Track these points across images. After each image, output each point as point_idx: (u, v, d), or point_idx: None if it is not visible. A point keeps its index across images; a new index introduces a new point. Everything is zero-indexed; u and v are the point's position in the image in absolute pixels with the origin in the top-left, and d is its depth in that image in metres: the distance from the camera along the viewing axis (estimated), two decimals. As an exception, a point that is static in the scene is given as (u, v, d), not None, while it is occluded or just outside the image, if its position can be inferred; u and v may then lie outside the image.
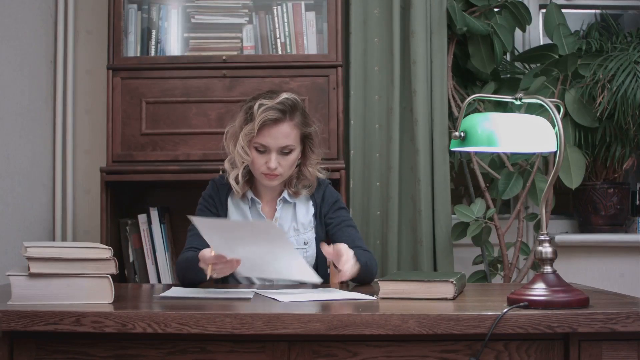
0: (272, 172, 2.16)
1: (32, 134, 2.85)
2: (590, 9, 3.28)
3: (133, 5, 2.82)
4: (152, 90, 2.75)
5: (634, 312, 1.56)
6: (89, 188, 3.06)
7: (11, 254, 2.61)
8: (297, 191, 2.26)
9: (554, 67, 2.85)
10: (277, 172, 2.17)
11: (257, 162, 2.17)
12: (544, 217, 1.74)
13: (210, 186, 2.31)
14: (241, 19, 2.83)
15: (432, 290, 1.80)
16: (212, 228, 1.90)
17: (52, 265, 1.70)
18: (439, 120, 2.86)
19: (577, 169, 2.79)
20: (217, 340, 1.62)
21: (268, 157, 2.16)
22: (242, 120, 2.19)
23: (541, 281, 1.66)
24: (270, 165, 2.15)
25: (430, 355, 1.62)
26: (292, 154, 2.19)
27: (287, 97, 2.17)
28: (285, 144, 2.16)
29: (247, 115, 2.18)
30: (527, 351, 1.62)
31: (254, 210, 2.26)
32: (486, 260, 2.84)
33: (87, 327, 1.58)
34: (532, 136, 1.71)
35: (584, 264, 3.06)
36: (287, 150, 2.17)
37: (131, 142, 2.74)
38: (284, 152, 2.17)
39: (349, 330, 1.56)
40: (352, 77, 2.90)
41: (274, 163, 2.15)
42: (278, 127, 2.15)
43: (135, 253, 2.80)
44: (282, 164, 2.17)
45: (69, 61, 3.06)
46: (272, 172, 2.17)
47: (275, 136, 2.15)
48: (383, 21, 2.91)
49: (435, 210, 2.85)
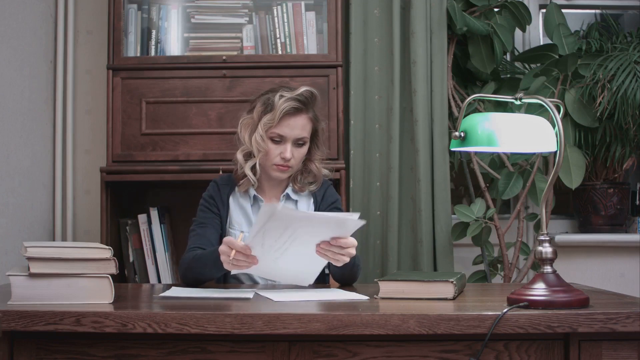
0: (286, 163, 2.21)
1: (32, 134, 2.85)
2: (590, 9, 3.28)
3: (133, 5, 2.82)
4: (152, 90, 2.75)
5: (634, 312, 1.56)
6: (89, 188, 3.06)
7: (11, 254, 2.61)
8: (302, 187, 2.29)
9: (554, 67, 2.85)
10: (290, 163, 2.22)
11: (272, 153, 2.21)
12: (544, 217, 1.74)
13: (211, 186, 2.31)
14: (241, 19, 2.83)
15: (432, 290, 1.80)
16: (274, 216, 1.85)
17: (52, 265, 1.70)
18: (439, 120, 2.86)
19: (577, 169, 2.79)
20: (217, 340, 1.62)
21: (284, 148, 2.21)
22: (261, 111, 2.23)
23: (541, 281, 1.66)
24: (286, 155, 2.20)
25: (430, 355, 1.62)
26: (304, 146, 2.25)
27: (307, 89, 2.23)
28: (301, 136, 2.22)
29: (266, 105, 2.23)
30: (527, 351, 1.62)
31: (256, 207, 2.27)
32: (486, 260, 2.84)
33: (87, 327, 1.58)
34: (532, 136, 1.71)
35: (584, 264, 3.06)
36: (301, 142, 2.23)
37: (131, 142, 2.74)
38: (298, 143, 2.23)
39: (349, 330, 1.56)
40: (352, 77, 2.90)
41: (289, 153, 2.20)
42: (296, 118, 2.21)
43: (135, 253, 2.80)
44: (295, 156, 2.23)
45: (69, 61, 3.06)
46: (285, 163, 2.21)
47: (293, 126, 2.21)
48: (383, 21, 2.91)
49: (435, 210, 2.85)
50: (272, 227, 1.84)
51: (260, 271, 2.07)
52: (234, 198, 2.29)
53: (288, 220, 1.84)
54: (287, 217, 1.84)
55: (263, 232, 1.85)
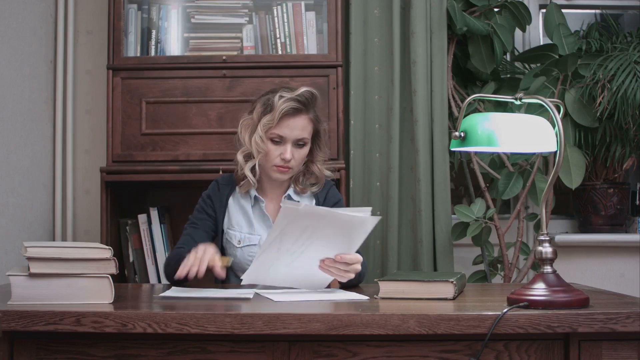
0: (286, 164, 2.20)
1: (32, 134, 2.85)
2: (590, 9, 3.28)
3: (133, 5, 2.82)
4: (152, 90, 2.75)
5: (634, 312, 1.56)
6: (89, 188, 3.06)
7: (11, 254, 2.61)
8: (304, 188, 2.28)
9: (554, 67, 2.85)
10: (290, 164, 2.20)
11: (272, 154, 2.20)
12: (544, 217, 1.74)
13: (211, 186, 2.31)
14: (241, 19, 2.83)
15: (432, 290, 1.80)
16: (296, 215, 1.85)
17: (52, 265, 1.70)
18: (439, 120, 2.86)
19: (577, 169, 2.79)
20: (217, 340, 1.62)
21: (284, 148, 2.19)
22: (261, 112, 2.22)
23: (541, 281, 1.66)
24: (286, 156, 2.18)
25: (430, 355, 1.62)
26: (305, 147, 2.24)
27: (307, 89, 2.22)
28: (301, 136, 2.21)
29: (266, 106, 2.22)
30: (527, 351, 1.62)
31: (256, 208, 2.27)
32: (486, 260, 2.84)
33: (87, 327, 1.58)
34: (532, 136, 1.71)
35: (584, 264, 3.06)
36: (301, 142, 2.22)
37: (131, 142, 2.74)
38: (298, 144, 2.22)
39: (349, 330, 1.56)
40: (352, 77, 2.90)
41: (289, 154, 2.19)
42: (296, 118, 2.20)
43: (135, 253, 2.80)
44: (295, 157, 2.21)
45: (69, 61, 3.06)
46: (285, 165, 2.20)
47: (293, 127, 2.19)
48: (383, 21, 2.91)
49: (435, 210, 2.85)
50: (291, 229, 1.84)
51: (272, 280, 2.00)
52: (234, 198, 2.29)
53: (310, 217, 1.83)
54: (309, 214, 1.84)
55: (281, 235, 1.85)
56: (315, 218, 1.85)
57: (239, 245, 2.24)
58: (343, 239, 1.90)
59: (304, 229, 1.84)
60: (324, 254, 1.92)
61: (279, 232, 1.85)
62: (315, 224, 1.85)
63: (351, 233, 1.90)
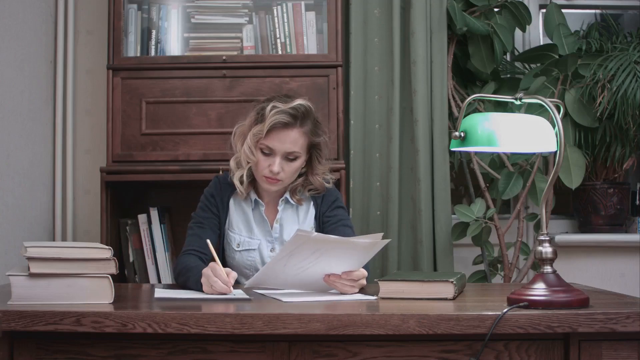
0: (274, 176, 2.15)
1: (32, 134, 2.85)
2: (590, 9, 3.28)
3: (133, 5, 2.82)
4: (152, 90, 2.75)
5: (634, 312, 1.56)
6: (89, 188, 3.06)
7: (11, 254, 2.60)
8: (300, 199, 2.26)
9: (554, 67, 2.85)
10: (279, 177, 2.16)
11: (261, 165, 2.16)
12: (544, 217, 1.74)
13: (213, 183, 2.29)
14: (241, 19, 2.83)
15: (432, 290, 1.80)
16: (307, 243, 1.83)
17: (52, 265, 1.70)
18: (439, 120, 2.86)
19: (577, 169, 2.79)
20: (217, 340, 1.62)
21: (272, 161, 2.14)
22: (253, 120, 2.18)
23: (541, 281, 1.66)
24: (273, 169, 2.14)
25: (430, 355, 1.62)
26: (297, 161, 2.18)
27: (301, 103, 2.16)
28: (291, 150, 2.15)
29: (258, 115, 2.17)
30: (527, 351, 1.62)
31: (256, 211, 2.26)
32: (486, 260, 2.84)
33: (87, 327, 1.58)
34: (532, 136, 1.71)
35: (584, 264, 3.06)
36: (292, 156, 2.16)
37: (131, 142, 2.74)
38: (289, 157, 2.16)
39: (349, 330, 1.56)
40: (352, 77, 2.90)
41: (277, 167, 2.14)
42: (287, 132, 2.14)
43: (135, 253, 2.80)
44: (285, 170, 2.16)
45: (69, 61, 3.06)
46: (273, 177, 2.15)
47: (283, 140, 2.13)
48: (383, 21, 2.91)
49: (435, 210, 2.85)
50: (301, 250, 1.83)
51: (278, 283, 1.98)
52: (235, 200, 2.28)
53: (321, 244, 1.83)
54: (319, 242, 1.83)
55: (290, 254, 1.85)
56: (327, 244, 1.85)
57: (238, 249, 2.24)
58: (352, 257, 1.90)
59: (314, 251, 1.84)
60: (331, 269, 1.91)
61: (287, 253, 1.85)
62: (325, 247, 1.85)
63: (360, 253, 1.90)
